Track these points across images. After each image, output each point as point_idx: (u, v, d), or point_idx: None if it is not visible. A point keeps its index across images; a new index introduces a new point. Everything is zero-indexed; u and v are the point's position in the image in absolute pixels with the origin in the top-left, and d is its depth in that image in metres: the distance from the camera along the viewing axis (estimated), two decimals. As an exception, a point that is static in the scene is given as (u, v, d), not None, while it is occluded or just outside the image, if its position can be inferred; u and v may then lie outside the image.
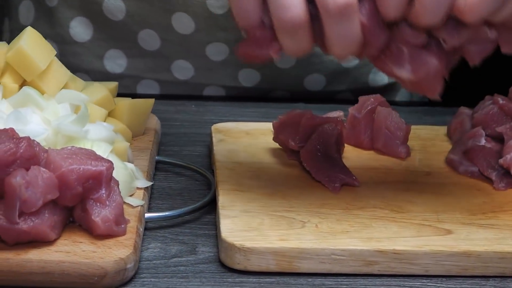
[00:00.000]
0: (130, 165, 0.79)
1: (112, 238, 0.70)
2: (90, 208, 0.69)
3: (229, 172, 0.83)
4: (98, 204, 0.69)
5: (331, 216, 0.75)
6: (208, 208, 0.80)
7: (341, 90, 1.18)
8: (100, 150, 0.75)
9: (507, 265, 0.71)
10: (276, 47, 0.69)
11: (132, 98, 0.91)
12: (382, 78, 1.17)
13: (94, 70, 1.13)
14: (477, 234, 0.74)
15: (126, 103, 0.88)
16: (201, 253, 0.73)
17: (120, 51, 1.13)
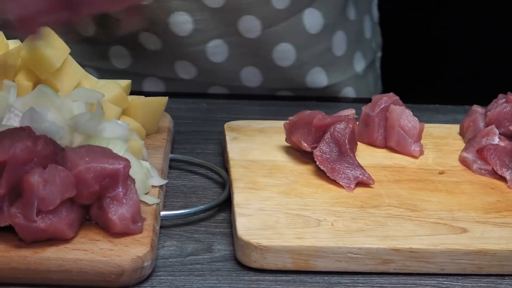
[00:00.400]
0: (146, 163, 0.79)
1: (129, 236, 0.70)
2: (107, 206, 0.69)
3: (243, 170, 0.83)
4: (115, 202, 0.70)
5: (346, 215, 0.76)
6: (222, 206, 0.81)
7: (280, 88, 1.16)
8: (116, 148, 0.75)
9: (523, 264, 0.71)
10: None
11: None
12: (321, 80, 1.15)
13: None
14: (492, 233, 0.74)
15: (140, 101, 0.88)
16: (217, 251, 0.74)
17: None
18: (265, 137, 0.92)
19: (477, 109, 0.94)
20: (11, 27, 0.66)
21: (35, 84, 0.85)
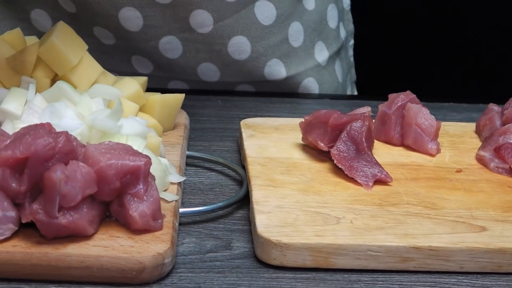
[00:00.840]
0: (164, 160, 0.79)
1: (149, 233, 0.70)
2: (128, 203, 0.69)
3: (261, 168, 0.83)
4: (136, 199, 0.70)
5: (365, 212, 0.76)
6: (240, 204, 0.81)
7: (238, 82, 1.15)
8: (135, 145, 0.75)
9: (543, 263, 0.71)
10: None
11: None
12: (279, 72, 1.14)
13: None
14: (512, 231, 0.74)
15: (157, 98, 0.88)
16: (236, 248, 0.74)
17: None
18: (281, 135, 0.92)
19: (494, 108, 0.94)
20: None
21: (52, 80, 0.85)
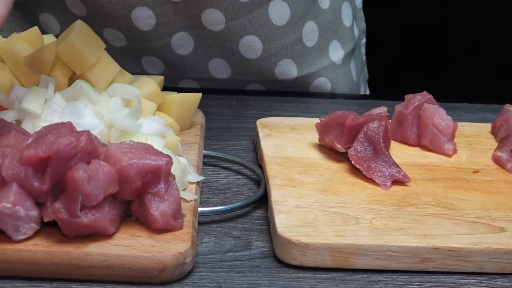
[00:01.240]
0: (183, 160, 0.79)
1: (170, 232, 0.70)
2: (149, 202, 0.70)
3: (279, 167, 0.84)
4: (157, 199, 0.70)
5: (384, 213, 0.76)
6: (258, 203, 0.81)
7: (249, 80, 1.15)
8: (154, 144, 0.75)
9: (562, 264, 0.71)
10: None
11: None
12: (290, 72, 1.14)
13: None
14: (530, 232, 0.74)
15: (175, 98, 0.89)
16: (255, 248, 0.74)
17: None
18: (298, 134, 0.92)
19: (509, 108, 0.94)
20: None
21: (70, 79, 0.86)
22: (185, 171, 0.78)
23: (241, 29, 1.08)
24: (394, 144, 0.91)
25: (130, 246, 0.68)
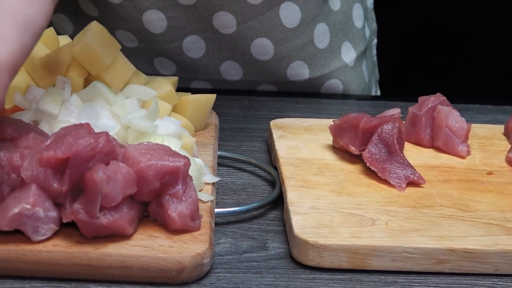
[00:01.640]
0: (199, 161, 0.80)
1: (187, 233, 0.70)
2: (167, 203, 0.70)
3: (293, 169, 0.84)
4: (175, 200, 0.70)
5: (400, 214, 0.76)
6: (273, 204, 0.81)
7: (260, 81, 1.16)
8: (171, 145, 0.75)
9: None
10: None
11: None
12: (302, 74, 1.14)
13: None
14: (546, 234, 0.74)
15: (190, 98, 0.89)
16: (272, 249, 0.74)
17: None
18: (312, 135, 0.92)
19: (522, 110, 0.94)
20: None
21: (85, 80, 0.86)
22: (201, 172, 0.78)
23: (253, 32, 1.09)
24: (408, 146, 0.91)
25: (149, 247, 0.68)
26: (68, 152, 0.67)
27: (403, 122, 0.92)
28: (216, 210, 0.77)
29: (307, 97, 1.12)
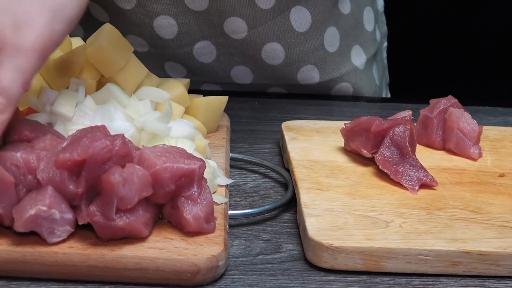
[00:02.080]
0: (212, 163, 0.80)
1: (202, 235, 0.70)
2: (182, 206, 0.70)
3: (306, 171, 0.84)
4: (190, 202, 0.70)
5: (413, 216, 0.76)
6: (285, 206, 0.81)
7: (271, 84, 1.16)
8: (185, 148, 0.75)
9: None
10: None
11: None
12: (313, 77, 1.14)
13: None
14: (559, 236, 0.74)
15: (202, 100, 0.89)
16: (286, 251, 0.74)
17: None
18: (323, 138, 0.93)
19: (533, 112, 0.94)
20: None
21: (98, 82, 0.86)
22: (215, 174, 0.79)
23: (264, 36, 1.09)
24: (419, 148, 0.91)
25: (164, 249, 0.68)
26: (85, 155, 0.67)
27: (415, 124, 0.92)
28: (230, 212, 0.77)
29: (318, 99, 1.12)
